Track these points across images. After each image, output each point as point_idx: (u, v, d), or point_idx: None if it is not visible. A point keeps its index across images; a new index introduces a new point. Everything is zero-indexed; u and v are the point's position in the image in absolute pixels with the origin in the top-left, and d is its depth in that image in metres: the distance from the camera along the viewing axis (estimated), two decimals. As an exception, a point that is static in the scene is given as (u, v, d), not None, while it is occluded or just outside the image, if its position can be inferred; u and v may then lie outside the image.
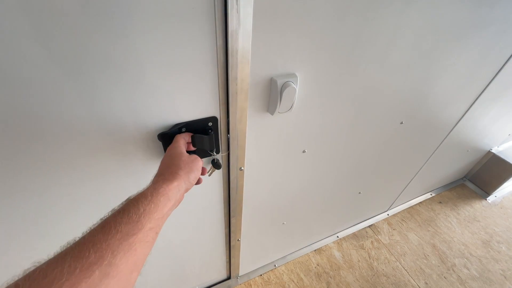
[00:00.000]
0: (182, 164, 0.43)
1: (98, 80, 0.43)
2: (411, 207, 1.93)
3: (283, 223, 1.17)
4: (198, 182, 0.51)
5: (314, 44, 0.57)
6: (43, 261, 0.24)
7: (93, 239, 0.26)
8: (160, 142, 0.55)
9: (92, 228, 0.28)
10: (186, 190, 0.43)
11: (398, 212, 1.88)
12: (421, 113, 1.03)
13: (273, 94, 0.59)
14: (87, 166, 0.53)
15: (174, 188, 0.38)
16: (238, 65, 0.50)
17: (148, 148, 0.56)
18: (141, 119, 0.51)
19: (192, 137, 0.56)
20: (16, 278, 0.22)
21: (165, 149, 0.56)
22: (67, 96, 0.42)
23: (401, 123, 1.01)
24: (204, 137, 0.57)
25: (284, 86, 0.57)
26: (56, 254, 0.25)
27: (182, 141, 0.51)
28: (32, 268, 0.23)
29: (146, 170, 0.61)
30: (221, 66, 0.51)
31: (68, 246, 0.26)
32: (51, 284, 0.21)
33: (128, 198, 0.34)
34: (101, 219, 0.30)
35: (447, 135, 1.31)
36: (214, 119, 0.59)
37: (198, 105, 0.55)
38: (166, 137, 0.53)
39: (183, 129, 0.56)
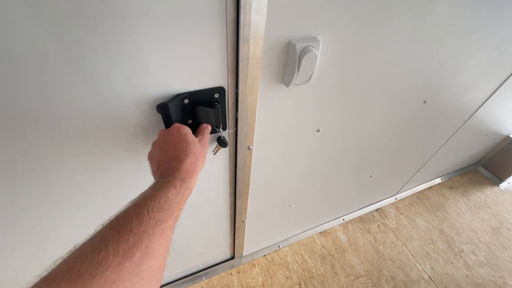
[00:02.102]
0: (196, 154, 0.42)
1: (86, 42, 0.35)
2: (420, 191, 1.87)
3: (290, 205, 1.13)
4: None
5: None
6: (81, 244, 0.26)
7: (130, 225, 0.28)
8: (159, 115, 0.48)
9: (125, 211, 0.30)
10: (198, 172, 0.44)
11: (407, 197, 1.83)
12: (448, 91, 0.94)
13: (290, 61, 0.51)
14: (81, 144, 0.46)
15: (194, 180, 0.40)
16: (251, 23, 0.42)
17: (147, 121, 0.50)
18: (138, 88, 0.44)
19: (196, 109, 0.49)
20: (61, 260, 0.24)
21: (164, 123, 0.49)
22: (57, 63, 0.35)
23: (425, 102, 0.92)
24: (210, 111, 0.50)
25: (304, 51, 0.48)
26: (93, 237, 0.27)
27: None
28: (74, 250, 0.25)
29: (148, 146, 0.55)
30: (231, 24, 0.42)
31: (104, 229, 0.28)
32: (99, 265, 0.23)
33: (154, 184, 0.35)
34: (130, 201, 0.32)
35: (470, 117, 1.22)
36: (221, 90, 0.51)
37: (203, 72, 0.47)
38: (166, 109, 0.46)
39: (186, 100, 0.48)
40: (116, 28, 0.36)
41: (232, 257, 1.35)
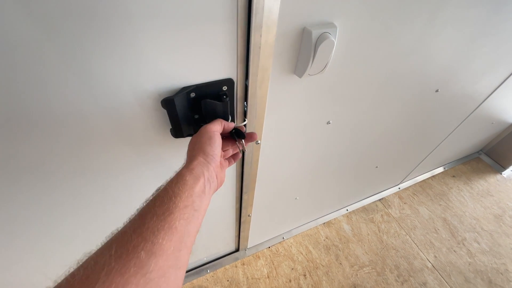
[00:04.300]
0: (192, 146, 0.42)
1: (79, 31, 0.31)
2: (423, 181, 1.87)
3: (296, 198, 1.11)
4: (237, 157, 0.50)
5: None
6: (93, 251, 0.26)
7: (133, 226, 0.28)
8: (164, 111, 0.45)
9: (131, 218, 0.30)
10: (216, 164, 0.40)
11: (410, 186, 1.82)
12: (460, 79, 0.90)
13: (304, 50, 0.47)
14: (80, 143, 0.43)
15: (196, 166, 0.37)
16: (264, 6, 0.37)
17: (151, 117, 0.46)
18: (139, 82, 0.40)
19: (203, 103, 0.45)
20: (72, 269, 0.24)
21: (170, 118, 0.45)
22: (45, 54, 0.30)
23: (437, 91, 0.88)
24: (217, 104, 0.46)
25: (320, 39, 0.44)
26: (103, 243, 0.27)
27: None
28: (84, 259, 0.25)
29: (152, 145, 0.51)
30: (242, 9, 0.38)
31: (113, 235, 0.28)
32: (101, 270, 0.23)
33: (157, 189, 0.34)
34: (137, 209, 0.31)
35: (479, 105, 1.19)
36: (229, 82, 0.47)
37: (211, 63, 0.43)
38: (172, 103, 0.42)
39: (192, 94, 0.45)
40: (110, 14, 0.31)
41: (237, 250, 1.35)
